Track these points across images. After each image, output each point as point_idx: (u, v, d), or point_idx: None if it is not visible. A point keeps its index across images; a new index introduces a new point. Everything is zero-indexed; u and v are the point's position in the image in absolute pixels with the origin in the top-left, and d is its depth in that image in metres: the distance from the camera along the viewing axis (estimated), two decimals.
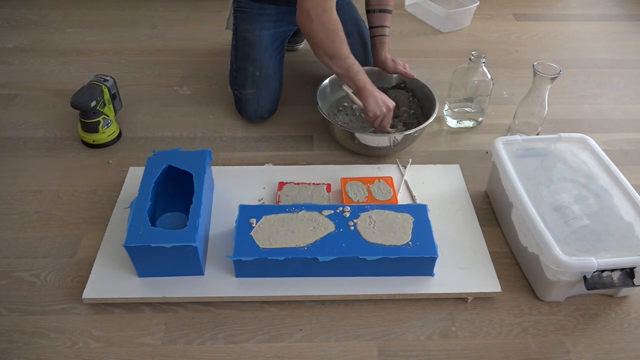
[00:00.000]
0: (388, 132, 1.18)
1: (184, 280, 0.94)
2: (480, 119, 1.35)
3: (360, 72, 1.14)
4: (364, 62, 1.38)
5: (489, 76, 1.26)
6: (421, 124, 1.18)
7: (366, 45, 1.40)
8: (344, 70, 1.14)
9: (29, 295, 0.95)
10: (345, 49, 1.12)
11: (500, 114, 1.41)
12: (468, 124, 1.35)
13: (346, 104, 1.33)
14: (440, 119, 1.37)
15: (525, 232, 0.96)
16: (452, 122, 1.35)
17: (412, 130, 1.16)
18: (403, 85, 1.35)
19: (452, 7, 1.83)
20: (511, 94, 1.49)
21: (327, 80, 1.30)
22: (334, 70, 1.15)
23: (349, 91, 1.22)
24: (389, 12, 1.33)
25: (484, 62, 1.23)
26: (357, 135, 1.17)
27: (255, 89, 1.29)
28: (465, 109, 1.32)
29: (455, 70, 1.29)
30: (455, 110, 1.33)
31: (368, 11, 1.35)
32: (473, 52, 1.23)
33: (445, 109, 1.35)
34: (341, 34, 1.11)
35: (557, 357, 0.88)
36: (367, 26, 1.42)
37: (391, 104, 1.16)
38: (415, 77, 1.30)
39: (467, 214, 1.09)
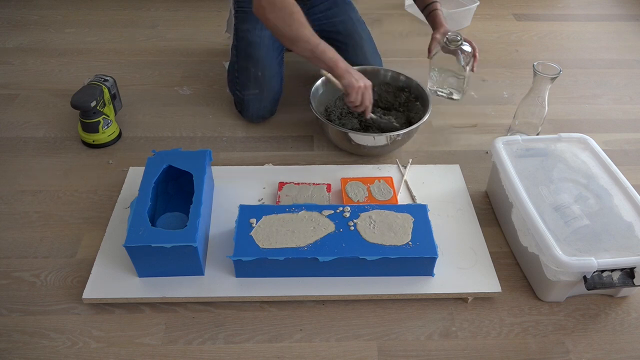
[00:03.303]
0: (370, 116, 1.17)
1: (184, 280, 0.94)
2: (460, 94, 1.38)
3: (328, 51, 1.09)
4: (355, 64, 1.36)
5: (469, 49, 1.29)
6: (413, 124, 1.17)
7: (361, 46, 1.38)
8: (309, 52, 1.08)
9: (29, 295, 0.95)
10: (306, 30, 1.06)
11: (500, 114, 1.41)
12: (447, 92, 1.39)
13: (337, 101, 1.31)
14: (452, 125, 1.38)
15: (525, 232, 0.96)
16: (432, 87, 1.40)
17: (403, 131, 1.15)
18: (407, 90, 1.33)
19: (452, 7, 1.83)
20: (511, 94, 1.49)
21: (319, 82, 1.29)
22: (301, 54, 1.10)
23: (328, 74, 1.13)
24: None
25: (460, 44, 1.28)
26: (350, 135, 1.16)
27: (257, 89, 1.28)
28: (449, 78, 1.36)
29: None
30: (438, 78, 1.37)
31: None
32: (448, 34, 1.29)
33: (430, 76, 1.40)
34: (298, 16, 1.06)
35: (557, 357, 0.88)
36: (366, 27, 1.42)
37: (368, 81, 1.12)
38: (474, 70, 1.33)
39: (467, 214, 1.09)
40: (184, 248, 0.88)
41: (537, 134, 1.28)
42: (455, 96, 1.36)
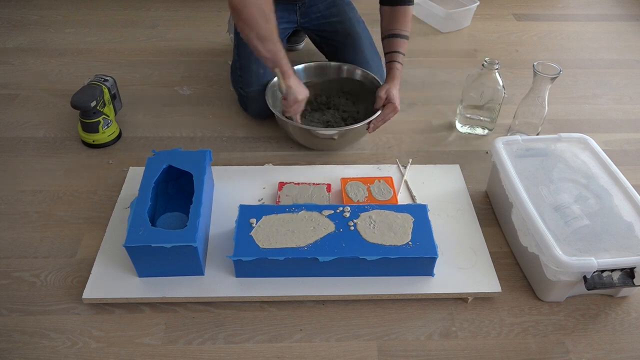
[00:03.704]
0: (295, 120, 1.19)
1: (184, 280, 0.94)
2: (491, 127, 1.33)
3: (285, 58, 1.11)
4: (354, 64, 1.34)
5: (501, 83, 1.24)
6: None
7: (360, 47, 1.37)
8: (272, 54, 1.09)
9: (29, 295, 0.95)
10: (276, 32, 1.08)
11: (500, 114, 1.40)
12: (480, 131, 1.34)
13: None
14: (452, 125, 1.37)
15: (525, 232, 0.96)
16: (462, 128, 1.34)
17: (352, 126, 1.16)
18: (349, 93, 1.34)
19: (452, 7, 1.83)
20: (511, 94, 1.49)
21: (276, 79, 1.27)
22: (262, 53, 1.09)
23: (279, 75, 1.15)
24: (399, 36, 1.24)
25: (497, 69, 1.22)
26: (310, 129, 1.17)
27: (259, 86, 1.28)
28: (480, 118, 1.31)
29: (468, 76, 1.28)
30: (467, 116, 1.32)
31: (382, 38, 1.29)
32: (486, 59, 1.22)
33: (457, 112, 1.34)
34: (273, 16, 1.07)
35: (557, 357, 0.88)
36: (365, 27, 1.41)
37: (301, 96, 1.14)
38: (372, 131, 1.21)
39: (467, 214, 1.09)
40: (184, 248, 0.88)
41: (537, 134, 1.27)
42: (491, 127, 1.34)
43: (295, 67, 1.32)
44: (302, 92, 1.14)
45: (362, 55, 1.37)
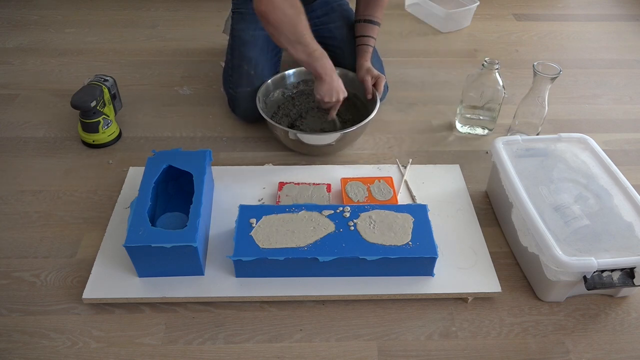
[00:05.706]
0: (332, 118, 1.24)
1: (184, 280, 0.94)
2: (491, 127, 1.33)
3: (322, 59, 1.11)
4: (353, 69, 1.33)
5: (501, 83, 1.23)
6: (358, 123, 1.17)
7: (353, 34, 1.37)
8: (306, 56, 1.10)
9: (29, 295, 0.95)
10: (307, 34, 1.08)
11: (500, 114, 1.41)
12: (480, 131, 1.33)
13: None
14: (452, 125, 1.37)
15: (525, 232, 0.96)
16: (462, 128, 1.34)
17: (349, 129, 1.15)
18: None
19: (452, 7, 1.83)
20: (511, 94, 1.49)
21: (269, 81, 1.29)
22: (296, 56, 1.10)
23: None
24: (374, 23, 1.32)
25: (497, 69, 1.22)
26: (298, 135, 1.16)
27: (249, 87, 1.28)
28: (480, 117, 1.30)
29: (468, 76, 1.28)
30: (467, 116, 1.32)
31: (355, 21, 1.35)
32: (486, 59, 1.22)
33: (457, 112, 1.34)
34: (303, 17, 1.06)
35: (557, 357, 0.88)
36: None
37: (341, 95, 1.18)
38: (373, 97, 1.25)
39: (467, 214, 1.09)
40: (184, 248, 0.88)
41: (537, 134, 1.27)
42: (491, 127, 1.34)
43: (288, 72, 1.33)
44: (333, 94, 1.16)
45: (349, 43, 1.35)
